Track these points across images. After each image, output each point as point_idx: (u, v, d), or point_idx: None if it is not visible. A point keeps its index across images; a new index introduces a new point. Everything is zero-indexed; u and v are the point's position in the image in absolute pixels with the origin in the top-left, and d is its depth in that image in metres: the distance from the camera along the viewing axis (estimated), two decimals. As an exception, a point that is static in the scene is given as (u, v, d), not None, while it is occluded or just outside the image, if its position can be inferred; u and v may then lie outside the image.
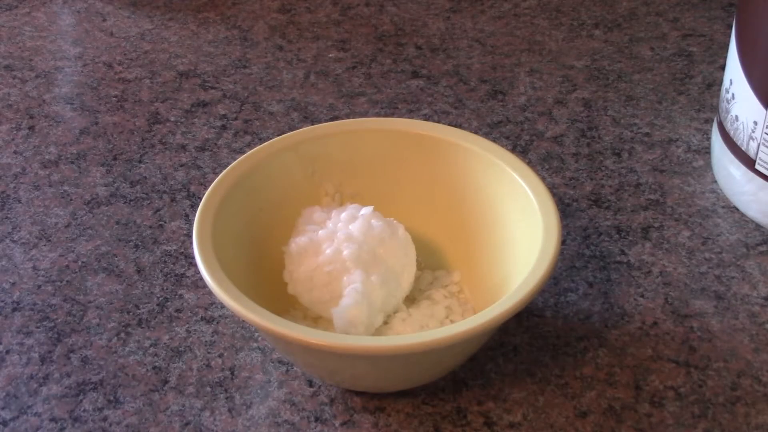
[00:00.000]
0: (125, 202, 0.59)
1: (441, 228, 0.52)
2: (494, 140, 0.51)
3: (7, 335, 0.50)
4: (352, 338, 0.44)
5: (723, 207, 0.58)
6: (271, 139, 0.51)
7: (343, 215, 0.47)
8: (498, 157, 0.49)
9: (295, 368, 0.48)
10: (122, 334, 0.50)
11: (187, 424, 0.46)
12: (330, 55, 0.72)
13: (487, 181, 0.50)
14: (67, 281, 0.53)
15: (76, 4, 0.79)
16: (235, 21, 0.77)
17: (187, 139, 0.64)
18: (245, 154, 0.50)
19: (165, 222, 0.57)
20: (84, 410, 0.46)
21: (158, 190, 0.60)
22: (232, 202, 0.47)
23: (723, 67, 0.59)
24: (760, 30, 0.52)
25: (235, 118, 0.66)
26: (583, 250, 0.55)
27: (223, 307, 0.51)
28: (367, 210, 0.47)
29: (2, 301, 0.52)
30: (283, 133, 0.48)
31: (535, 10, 0.77)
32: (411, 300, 0.49)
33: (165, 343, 0.50)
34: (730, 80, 0.56)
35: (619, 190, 0.59)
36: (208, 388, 0.47)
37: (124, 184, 0.60)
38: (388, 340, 0.44)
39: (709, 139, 0.62)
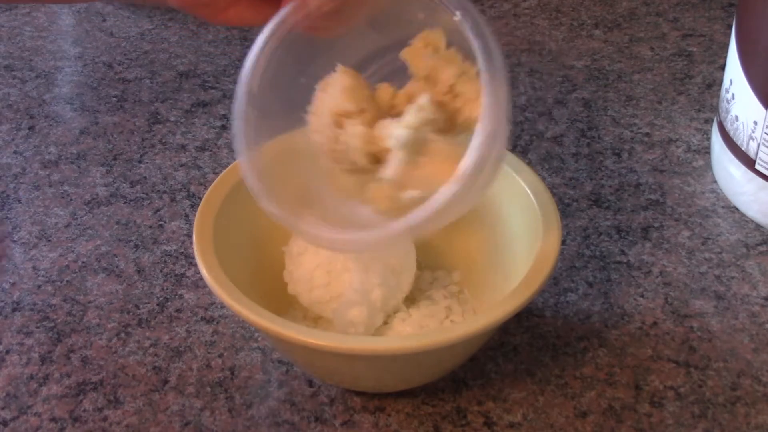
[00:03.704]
0: (125, 202, 0.59)
1: (441, 228, 0.51)
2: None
3: (7, 335, 0.50)
4: (352, 338, 0.44)
5: (723, 207, 0.58)
6: (271, 139, 0.51)
7: (343, 215, 0.47)
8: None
9: (295, 368, 0.48)
10: (122, 334, 0.50)
11: (187, 424, 0.46)
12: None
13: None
14: (67, 281, 0.53)
15: (76, 4, 0.79)
16: (235, 21, 0.77)
17: (187, 139, 0.64)
18: (245, 154, 0.50)
19: (165, 222, 0.57)
20: (84, 410, 0.46)
21: (158, 190, 0.60)
22: (232, 202, 0.47)
23: (723, 67, 0.59)
24: (760, 30, 0.52)
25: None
26: (583, 250, 0.55)
27: (223, 307, 0.51)
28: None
29: (2, 301, 0.52)
30: (283, 133, 0.48)
31: (535, 10, 0.77)
32: (411, 300, 0.49)
33: (165, 343, 0.50)
34: (730, 80, 0.56)
35: (619, 190, 0.59)
36: (208, 388, 0.47)
37: (124, 184, 0.60)
38: (388, 340, 0.44)
39: (709, 139, 0.62)
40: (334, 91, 0.43)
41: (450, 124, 0.42)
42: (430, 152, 0.41)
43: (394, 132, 0.41)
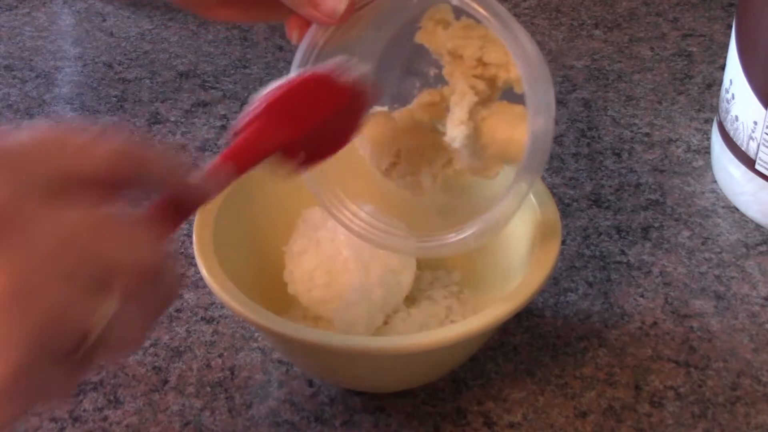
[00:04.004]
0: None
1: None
2: (494, 140, 0.50)
3: (7, 335, 0.50)
4: (352, 338, 0.44)
5: (723, 207, 0.58)
6: (271, 139, 0.51)
7: (344, 215, 0.47)
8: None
9: (295, 368, 0.48)
10: (122, 334, 0.50)
11: (187, 424, 0.46)
12: (330, 55, 0.72)
13: (487, 181, 0.50)
14: (67, 281, 0.53)
15: (76, 4, 0.79)
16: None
17: (187, 139, 0.64)
18: (245, 154, 0.50)
19: (165, 222, 0.57)
20: (84, 410, 0.46)
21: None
22: (232, 202, 0.47)
23: (723, 67, 0.59)
24: (760, 30, 0.52)
25: (235, 118, 0.65)
26: (583, 250, 0.55)
27: (223, 307, 0.51)
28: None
29: (2, 301, 0.52)
30: (283, 133, 0.48)
31: (535, 10, 0.77)
32: (411, 300, 0.49)
33: (165, 343, 0.50)
34: (730, 80, 0.56)
35: (619, 190, 0.59)
36: (208, 388, 0.47)
37: (124, 184, 0.60)
38: (388, 340, 0.44)
39: (709, 139, 0.62)
40: (366, 154, 0.45)
41: (491, 89, 0.43)
42: (489, 129, 0.42)
43: (451, 134, 0.42)
